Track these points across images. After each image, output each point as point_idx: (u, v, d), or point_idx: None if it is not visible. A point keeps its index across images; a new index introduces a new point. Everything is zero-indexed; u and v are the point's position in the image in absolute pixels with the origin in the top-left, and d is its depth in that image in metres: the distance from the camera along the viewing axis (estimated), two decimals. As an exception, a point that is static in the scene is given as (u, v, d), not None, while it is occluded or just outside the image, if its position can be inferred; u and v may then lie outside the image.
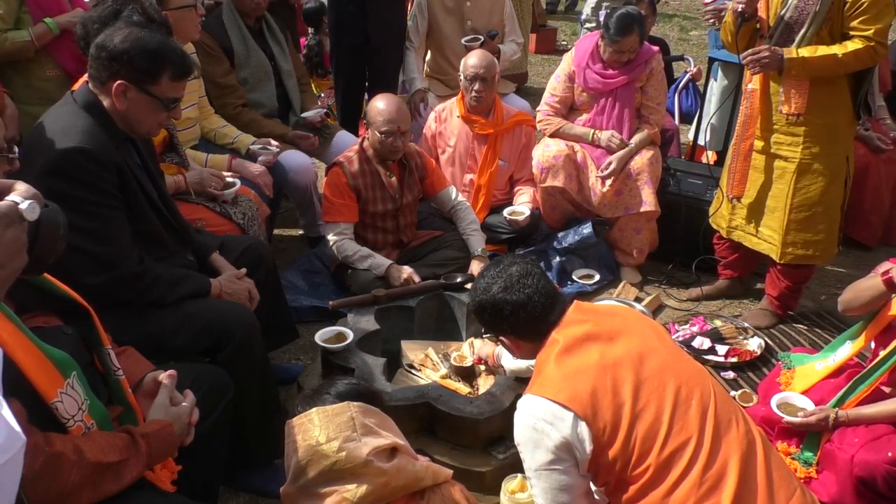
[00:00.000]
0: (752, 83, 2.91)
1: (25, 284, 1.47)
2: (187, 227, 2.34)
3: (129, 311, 2.04)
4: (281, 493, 1.43)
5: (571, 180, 3.56)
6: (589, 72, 3.51)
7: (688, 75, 4.67)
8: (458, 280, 3.00)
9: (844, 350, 2.29)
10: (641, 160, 3.49)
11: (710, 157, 3.74)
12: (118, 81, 1.93)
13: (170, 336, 2.08)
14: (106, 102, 1.98)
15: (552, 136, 3.64)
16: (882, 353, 2.11)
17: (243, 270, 2.35)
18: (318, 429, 1.38)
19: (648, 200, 3.47)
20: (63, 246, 1.08)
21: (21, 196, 0.83)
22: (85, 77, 2.05)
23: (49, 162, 1.87)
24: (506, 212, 3.60)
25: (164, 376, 1.65)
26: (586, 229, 3.59)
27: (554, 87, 3.66)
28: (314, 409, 1.41)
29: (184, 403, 1.62)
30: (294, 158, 3.47)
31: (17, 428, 0.76)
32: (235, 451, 2.16)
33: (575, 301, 1.80)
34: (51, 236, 1.02)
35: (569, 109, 3.68)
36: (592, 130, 3.56)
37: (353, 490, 1.33)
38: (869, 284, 2.16)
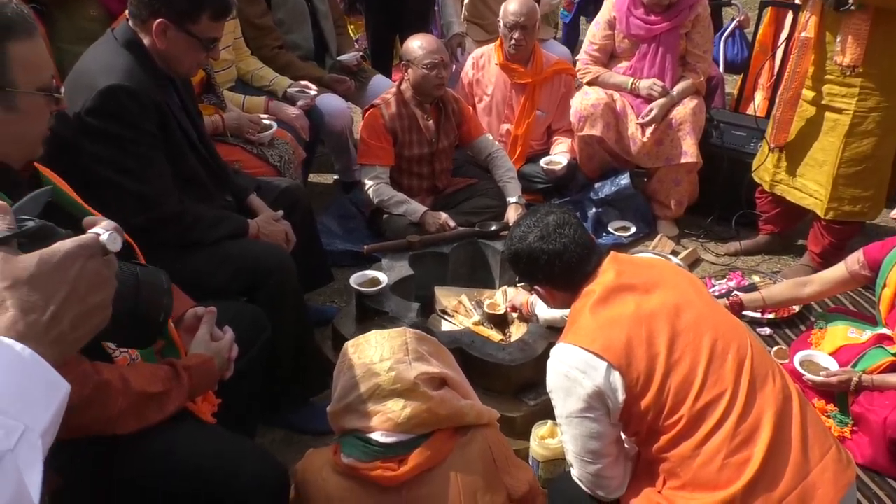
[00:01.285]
0: (806, 31, 2.79)
1: (71, 219, 1.50)
2: (226, 168, 2.35)
3: (168, 251, 2.06)
4: (328, 412, 1.47)
5: (610, 129, 3.49)
6: (631, 17, 3.39)
7: (735, 22, 4.48)
8: (493, 228, 2.99)
9: (882, 330, 2.25)
10: (684, 110, 3.39)
11: (756, 108, 3.62)
12: (158, 20, 1.92)
13: (208, 275, 2.12)
14: (146, 41, 1.98)
15: (590, 84, 3.56)
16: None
17: (280, 212, 2.37)
18: (374, 348, 1.42)
19: (690, 151, 3.39)
20: (169, 301, 1.00)
21: (103, 228, 0.81)
22: (125, 14, 2.04)
23: (90, 100, 1.89)
24: (543, 161, 3.55)
25: (205, 312, 1.69)
26: (623, 180, 3.53)
27: (593, 34, 3.55)
28: (372, 332, 1.45)
29: (224, 339, 1.66)
30: (330, 102, 3.46)
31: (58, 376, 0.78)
32: (272, 389, 2.22)
33: (612, 252, 1.78)
34: (153, 293, 0.96)
35: (609, 57, 3.58)
36: (632, 79, 3.46)
37: (398, 411, 1.37)
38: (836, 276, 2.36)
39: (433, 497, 1.37)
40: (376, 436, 1.38)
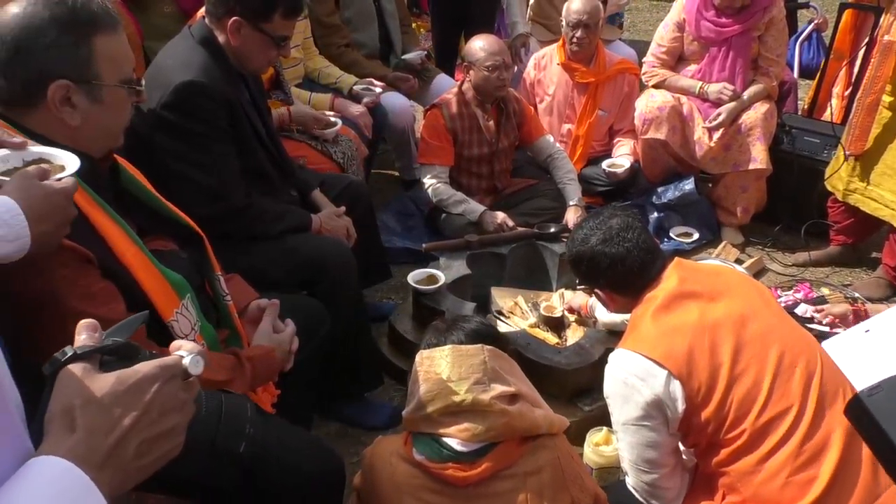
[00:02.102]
0: (890, 34, 2.67)
1: (146, 209, 1.56)
2: (291, 163, 2.40)
3: (233, 242, 2.11)
4: (403, 417, 1.49)
5: (675, 133, 3.41)
6: (702, 20, 3.30)
7: (812, 24, 4.32)
8: (552, 230, 2.96)
9: None
10: (755, 114, 3.29)
11: (833, 114, 3.48)
12: (233, 18, 1.98)
13: (271, 268, 2.16)
14: (221, 38, 2.04)
15: (656, 87, 3.49)
16: None
17: (342, 208, 2.40)
18: (451, 366, 1.42)
19: (759, 157, 3.28)
20: (252, 432, 0.92)
21: (187, 351, 0.79)
22: (202, 12, 2.11)
23: (166, 95, 1.95)
24: (605, 164, 3.50)
25: (268, 305, 1.73)
26: (688, 185, 3.45)
27: (661, 36, 3.48)
28: (449, 346, 1.45)
29: (285, 332, 1.69)
30: (394, 100, 3.49)
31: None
32: (328, 383, 2.25)
33: (676, 258, 1.74)
34: (235, 423, 0.90)
35: (676, 60, 3.50)
36: (700, 83, 3.37)
37: (477, 425, 1.38)
38: None
39: (501, 496, 1.38)
40: (452, 442, 1.40)
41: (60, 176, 1.13)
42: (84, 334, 0.76)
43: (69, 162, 1.17)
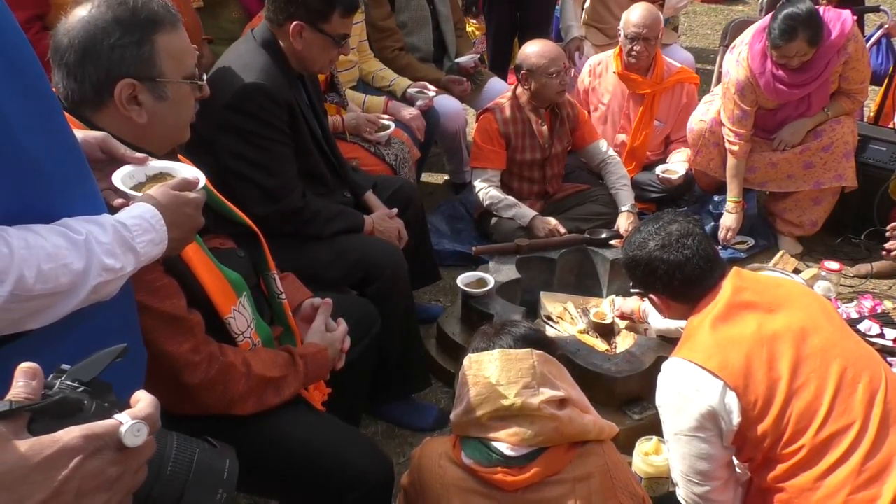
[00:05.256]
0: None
1: (205, 207, 1.59)
2: (346, 165, 2.44)
3: (288, 242, 2.15)
4: (451, 421, 1.49)
5: (722, 156, 3.30)
6: (775, 83, 3.01)
7: (882, 29, 4.15)
8: (603, 236, 2.93)
9: None
10: (841, 129, 3.12)
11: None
12: (294, 22, 2.03)
13: (324, 268, 2.19)
14: (283, 42, 2.09)
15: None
16: None
17: (395, 210, 2.43)
18: (500, 370, 1.42)
19: (845, 175, 3.13)
20: (224, 496, 0.81)
21: (130, 416, 0.67)
22: (262, 15, 2.16)
23: (230, 97, 2.01)
24: (658, 169, 3.43)
25: (322, 304, 1.75)
26: (745, 194, 3.36)
27: (733, 115, 3.13)
28: (498, 350, 1.45)
29: (337, 331, 1.71)
30: (446, 104, 3.50)
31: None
32: (376, 383, 2.27)
33: (735, 268, 1.70)
34: (206, 483, 0.79)
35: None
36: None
37: (526, 430, 1.39)
38: None
39: (550, 502, 1.37)
40: (501, 447, 1.40)
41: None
42: (21, 381, 0.65)
43: (189, 174, 1.23)
